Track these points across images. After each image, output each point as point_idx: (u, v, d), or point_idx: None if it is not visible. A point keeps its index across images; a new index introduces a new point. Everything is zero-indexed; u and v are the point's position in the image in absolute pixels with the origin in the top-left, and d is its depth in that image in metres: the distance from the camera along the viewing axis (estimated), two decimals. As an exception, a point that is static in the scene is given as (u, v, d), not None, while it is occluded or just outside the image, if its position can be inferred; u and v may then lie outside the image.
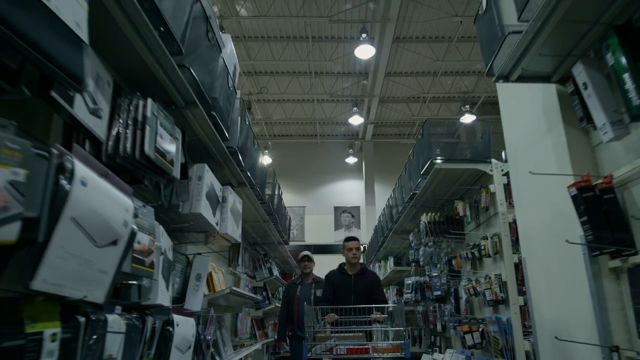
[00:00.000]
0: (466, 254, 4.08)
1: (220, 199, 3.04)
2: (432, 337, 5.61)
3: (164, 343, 2.21)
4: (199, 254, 3.15)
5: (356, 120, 13.75)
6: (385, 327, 3.51)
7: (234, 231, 3.30)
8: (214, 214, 2.89)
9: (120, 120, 1.89)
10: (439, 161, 3.58)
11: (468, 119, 12.71)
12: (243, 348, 4.56)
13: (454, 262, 4.40)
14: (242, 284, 5.17)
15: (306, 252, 5.52)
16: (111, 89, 1.85)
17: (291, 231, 9.60)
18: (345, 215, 17.03)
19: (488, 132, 3.78)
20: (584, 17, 1.86)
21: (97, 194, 1.41)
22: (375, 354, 3.10)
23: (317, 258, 5.70)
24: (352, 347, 3.11)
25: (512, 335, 3.24)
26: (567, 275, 2.38)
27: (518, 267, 3.34)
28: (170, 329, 2.25)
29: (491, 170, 3.60)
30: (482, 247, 3.73)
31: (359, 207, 16.87)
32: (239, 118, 3.14)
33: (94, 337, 1.55)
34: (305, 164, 17.17)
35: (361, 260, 4.40)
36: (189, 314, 2.69)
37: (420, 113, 15.20)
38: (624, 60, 1.75)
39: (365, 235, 14.96)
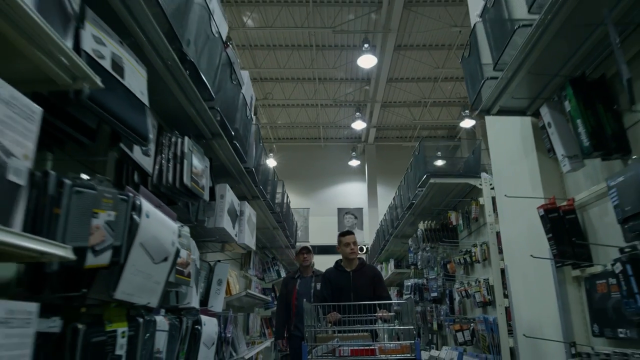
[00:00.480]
0: (459, 259, 4.47)
1: (238, 213, 3.45)
2: (430, 335, 6.00)
3: (193, 340, 2.62)
4: (219, 261, 3.55)
5: (359, 125, 14.15)
6: (392, 326, 3.20)
7: (250, 240, 3.70)
8: (233, 226, 3.30)
9: (163, 155, 2.29)
10: (432, 180, 3.97)
11: (467, 123, 13.09)
12: (255, 345, 4.97)
13: (448, 266, 4.79)
14: (253, 286, 5.58)
15: (305, 244, 5.25)
16: (156, 130, 2.26)
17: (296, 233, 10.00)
18: (348, 216, 17.43)
19: (478, 149, 4.16)
20: (546, 70, 2.25)
21: (155, 223, 1.82)
22: (383, 356, 2.75)
23: (320, 258, 6.06)
24: (357, 348, 2.76)
25: (497, 333, 3.63)
26: (540, 282, 2.77)
27: (504, 272, 3.72)
28: (199, 327, 2.66)
29: (480, 185, 3.99)
30: (473, 254, 4.12)
31: (361, 208, 17.25)
32: (254, 141, 3.55)
33: (147, 334, 1.96)
34: (309, 166, 17.57)
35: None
36: (212, 314, 3.09)
37: (422, 117, 15.58)
38: (577, 108, 2.14)
39: (367, 236, 15.36)
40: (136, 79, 1.75)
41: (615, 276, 1.86)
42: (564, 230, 2.42)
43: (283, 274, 6.78)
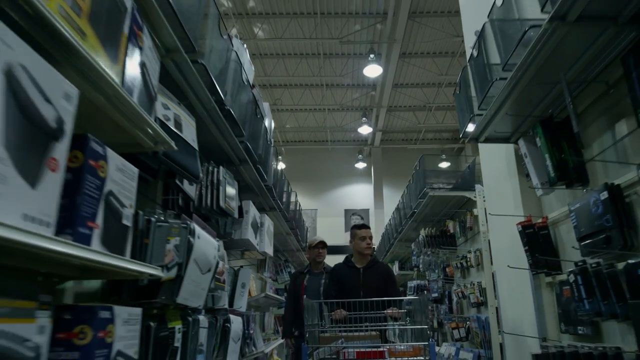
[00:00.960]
0: (456, 263, 4.93)
1: (259, 225, 3.93)
2: (431, 332, 6.47)
3: (224, 336, 3.10)
4: (242, 267, 4.03)
5: (365, 129, 14.60)
6: (403, 325, 2.93)
7: (269, 248, 4.19)
8: (255, 237, 3.77)
9: (203, 183, 2.77)
10: (431, 193, 4.42)
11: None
12: (270, 341, 5.45)
13: (447, 269, 5.24)
14: (267, 287, 6.06)
15: (321, 238, 4.88)
16: (197, 162, 2.73)
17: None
18: (355, 217, 17.87)
19: (472, 165, 4.61)
20: (520, 112, 2.70)
21: (203, 242, 2.30)
22: (392, 359, 2.48)
23: (328, 258, 6.46)
24: (364, 350, 2.46)
25: (489, 331, 4.08)
26: (521, 287, 3.22)
27: (494, 277, 4.17)
28: (228, 325, 3.14)
29: (475, 197, 4.43)
30: (468, 259, 4.58)
31: (368, 209, 17.70)
32: (273, 162, 4.03)
33: (194, 331, 2.44)
34: (316, 168, 18.04)
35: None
36: (238, 313, 3.57)
37: (427, 121, 15.99)
38: (545, 144, 2.59)
39: (374, 236, 15.80)
40: (189, 130, 2.22)
41: (570, 284, 2.32)
42: (538, 243, 2.87)
43: (294, 275, 7.24)
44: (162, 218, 1.85)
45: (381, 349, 2.48)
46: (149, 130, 1.70)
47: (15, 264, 1.20)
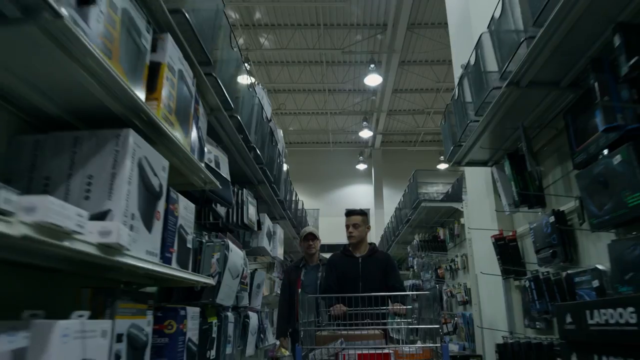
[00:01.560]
0: (446, 266, 5.52)
1: (272, 233, 4.52)
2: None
3: (244, 329, 3.68)
4: (256, 269, 4.62)
5: (366, 133, 15.16)
6: (409, 323, 2.62)
7: (279, 252, 4.77)
8: (269, 244, 4.36)
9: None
10: (424, 204, 5.01)
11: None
12: (279, 335, 6.03)
13: (439, 271, 5.83)
14: (276, 286, 6.66)
15: (310, 229, 4.60)
16: (225, 186, 3.31)
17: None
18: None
19: (460, 179, 5.18)
20: (492, 146, 3.28)
21: (234, 254, 2.89)
22: None
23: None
24: (366, 352, 2.13)
25: (472, 326, 4.67)
26: (496, 288, 3.80)
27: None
28: (248, 320, 3.72)
29: (462, 208, 5.01)
30: (456, 263, 5.16)
31: (368, 209, 18.16)
32: (285, 179, 4.61)
33: (224, 325, 3.02)
34: (319, 169, 18.62)
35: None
36: (255, 310, 4.15)
37: (425, 124, 16.55)
38: (511, 174, 3.16)
39: (374, 235, 16.39)
40: (224, 166, 2.81)
41: (527, 288, 2.90)
42: (508, 253, 3.46)
43: (299, 275, 7.85)
44: (208, 238, 2.44)
45: (386, 351, 2.10)
46: (201, 175, 2.28)
47: (116, 278, 1.79)
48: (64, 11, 1.05)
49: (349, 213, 3.61)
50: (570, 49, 2.20)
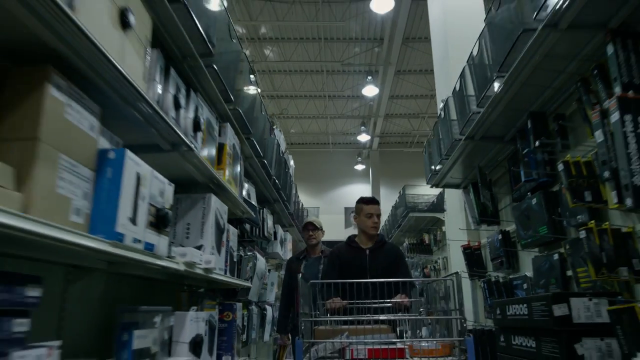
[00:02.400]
0: (431, 266, 6.44)
1: (284, 240, 5.43)
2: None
3: (262, 320, 4.58)
4: (270, 270, 5.51)
5: (364, 137, 16.04)
6: (435, 315, 2.25)
7: (289, 255, 5.68)
8: (281, 250, 5.27)
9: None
10: (411, 214, 5.91)
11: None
12: (287, 325, 6.97)
13: (425, 270, 6.75)
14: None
15: (311, 219, 4.41)
16: (250, 207, 4.21)
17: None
18: (354, 214, 19.38)
19: (442, 194, 6.08)
20: (461, 175, 4.18)
21: (260, 261, 3.79)
22: (416, 359, 1.88)
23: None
24: (378, 346, 1.80)
25: (450, 317, 5.59)
26: (465, 287, 4.72)
27: (456, 277, 5.68)
28: (265, 312, 4.61)
29: (443, 218, 5.91)
30: (438, 264, 6.08)
31: (366, 207, 19.18)
32: (294, 193, 5.51)
33: (251, 316, 3.92)
34: (319, 169, 19.51)
35: None
36: (269, 304, 5.05)
37: (420, 127, 17.43)
38: (473, 197, 4.06)
39: (371, 233, 17.35)
40: (253, 195, 3.70)
41: (483, 288, 3.82)
42: (474, 260, 4.37)
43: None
44: (244, 252, 3.34)
45: (400, 346, 1.82)
46: (241, 208, 3.18)
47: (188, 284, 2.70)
48: (193, 146, 1.94)
49: (375, 201, 3.21)
50: (504, 120, 3.10)
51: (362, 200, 3.22)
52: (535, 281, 3.04)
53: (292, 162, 5.34)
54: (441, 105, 4.61)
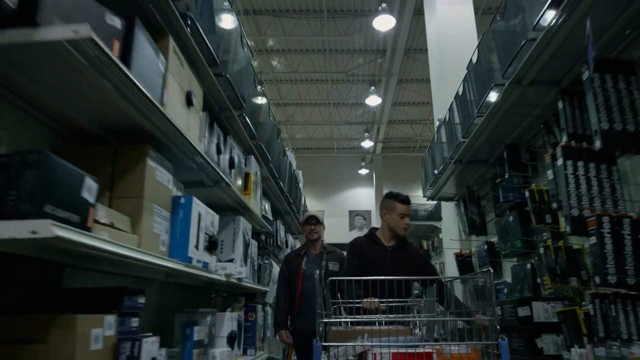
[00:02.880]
0: (429, 270, 6.95)
1: (293, 247, 5.95)
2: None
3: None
4: (281, 274, 6.01)
5: (367, 143, 16.56)
6: (432, 316, 2.04)
7: (298, 262, 6.21)
8: (291, 256, 5.79)
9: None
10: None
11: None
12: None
13: (424, 274, 7.27)
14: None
15: (313, 212, 4.24)
16: (265, 219, 4.74)
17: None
18: (358, 218, 19.91)
19: (438, 205, 6.58)
20: (454, 191, 4.69)
21: (275, 268, 4.32)
22: None
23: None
24: (403, 350, 1.61)
25: (446, 318, 6.10)
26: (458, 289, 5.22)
27: (451, 281, 6.19)
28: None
29: (440, 226, 6.41)
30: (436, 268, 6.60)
31: (370, 211, 19.70)
32: (303, 204, 6.03)
33: (266, 316, 4.44)
34: (324, 173, 20.02)
35: None
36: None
37: (422, 132, 17.92)
38: (463, 211, 4.57)
39: (375, 236, 17.85)
40: (269, 211, 4.22)
41: (471, 292, 4.33)
42: (465, 266, 4.87)
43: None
44: (263, 261, 3.86)
45: (428, 350, 1.63)
46: (260, 224, 3.71)
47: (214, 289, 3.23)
48: (229, 181, 2.46)
49: (409, 200, 3.00)
50: (487, 148, 3.61)
51: (397, 198, 2.95)
52: (514, 286, 3.55)
53: (301, 176, 5.86)
54: (436, 127, 5.14)
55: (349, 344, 1.65)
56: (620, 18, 2.06)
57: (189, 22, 1.87)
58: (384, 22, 8.98)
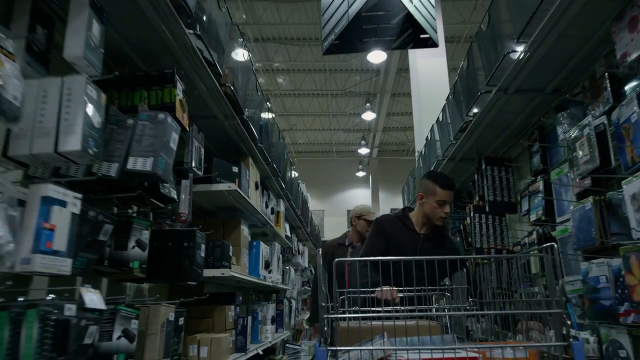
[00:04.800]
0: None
1: (302, 252, 7.51)
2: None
3: (290, 310, 6.68)
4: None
5: (364, 150, 18.10)
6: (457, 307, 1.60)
7: (306, 263, 7.77)
8: (301, 259, 7.36)
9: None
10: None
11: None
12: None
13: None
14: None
15: (372, 211, 4.06)
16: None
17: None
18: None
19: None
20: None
21: (291, 272, 5.89)
22: None
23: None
24: (438, 355, 1.14)
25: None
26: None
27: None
28: (291, 305, 6.72)
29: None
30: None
31: (366, 210, 21.27)
32: (310, 217, 7.58)
33: (284, 307, 6.03)
34: (324, 175, 21.58)
35: None
36: (293, 299, 7.16)
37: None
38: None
39: (371, 234, 19.44)
40: (288, 229, 5.77)
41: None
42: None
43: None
44: (284, 267, 5.42)
45: (472, 355, 1.15)
46: (285, 243, 5.25)
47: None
48: (272, 224, 4.00)
49: (453, 186, 2.62)
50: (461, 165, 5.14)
51: (439, 181, 2.56)
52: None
53: (309, 198, 7.41)
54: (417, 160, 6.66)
55: (363, 347, 1.19)
56: (502, 136, 3.60)
57: (258, 145, 3.40)
58: (376, 56, 10.49)
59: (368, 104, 14.07)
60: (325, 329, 1.22)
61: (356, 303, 1.61)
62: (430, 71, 7.95)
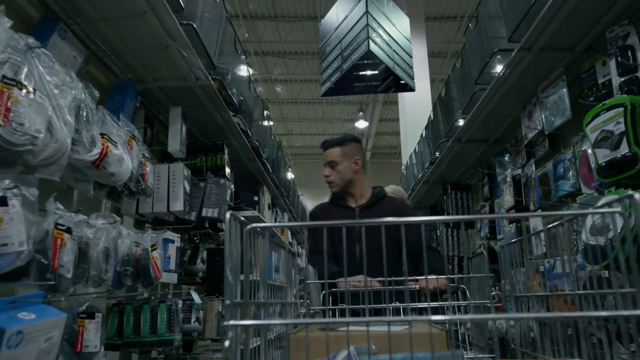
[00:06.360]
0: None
1: (301, 253, 8.45)
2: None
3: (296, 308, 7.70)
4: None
5: (357, 154, 19.09)
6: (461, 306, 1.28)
7: (304, 263, 8.74)
8: (299, 260, 8.31)
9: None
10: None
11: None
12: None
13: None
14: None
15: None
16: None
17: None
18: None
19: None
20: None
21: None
22: None
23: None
24: None
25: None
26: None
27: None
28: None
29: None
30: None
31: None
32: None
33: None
34: (319, 177, 22.27)
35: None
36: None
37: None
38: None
39: (364, 233, 20.40)
40: (288, 233, 6.69)
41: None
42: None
43: (309, 270, 11.79)
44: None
45: None
46: (288, 248, 6.19)
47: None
48: (280, 235, 4.92)
49: (327, 144, 2.52)
50: (433, 187, 6.09)
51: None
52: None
53: (302, 197, 8.35)
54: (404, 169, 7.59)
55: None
56: (462, 168, 4.55)
57: (271, 175, 4.31)
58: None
59: (361, 113, 15.00)
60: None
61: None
62: (415, 98, 8.90)
